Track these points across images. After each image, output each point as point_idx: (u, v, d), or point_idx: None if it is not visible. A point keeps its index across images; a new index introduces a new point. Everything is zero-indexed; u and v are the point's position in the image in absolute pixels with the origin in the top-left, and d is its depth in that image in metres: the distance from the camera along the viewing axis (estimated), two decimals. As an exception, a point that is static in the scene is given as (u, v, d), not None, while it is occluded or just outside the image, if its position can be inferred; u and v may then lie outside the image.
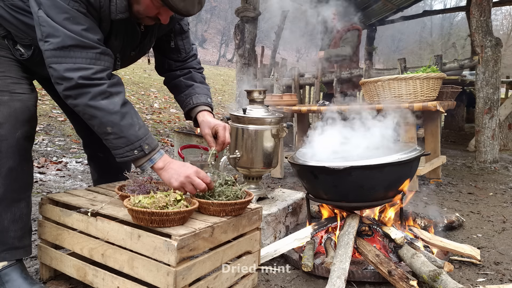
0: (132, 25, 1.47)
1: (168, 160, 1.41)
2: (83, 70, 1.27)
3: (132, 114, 1.35)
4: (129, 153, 1.33)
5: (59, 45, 1.25)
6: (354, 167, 1.67)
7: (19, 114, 1.37)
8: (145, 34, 1.56)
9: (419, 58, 22.44)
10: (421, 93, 3.00)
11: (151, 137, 1.38)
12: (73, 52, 1.26)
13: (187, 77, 1.76)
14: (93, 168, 1.99)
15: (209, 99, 1.75)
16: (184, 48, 1.76)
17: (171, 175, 1.38)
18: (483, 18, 4.07)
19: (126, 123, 1.31)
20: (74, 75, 1.25)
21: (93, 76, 1.28)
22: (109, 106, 1.29)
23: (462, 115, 7.59)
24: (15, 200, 1.39)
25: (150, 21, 1.44)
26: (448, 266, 1.58)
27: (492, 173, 3.94)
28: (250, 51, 5.44)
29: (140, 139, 1.34)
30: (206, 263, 1.28)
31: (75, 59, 1.26)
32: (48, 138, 4.75)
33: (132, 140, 1.32)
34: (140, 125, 1.36)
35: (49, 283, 1.54)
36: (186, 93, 1.74)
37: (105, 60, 1.33)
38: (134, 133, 1.33)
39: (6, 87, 1.38)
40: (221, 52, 28.34)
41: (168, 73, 1.79)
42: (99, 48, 1.31)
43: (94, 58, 1.29)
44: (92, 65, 1.28)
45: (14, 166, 1.36)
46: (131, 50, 1.58)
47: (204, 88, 1.78)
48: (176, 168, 1.39)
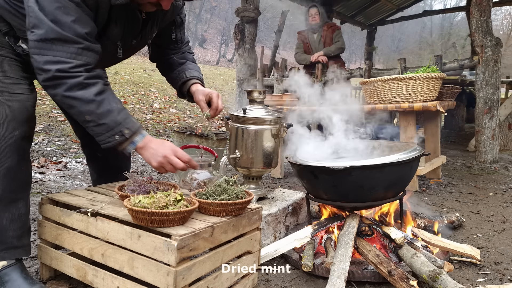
0: (133, 12, 1.47)
1: (149, 139, 1.42)
2: (61, 63, 1.28)
3: (109, 100, 1.36)
4: (111, 138, 1.35)
5: (42, 37, 1.26)
6: (354, 167, 1.67)
7: (17, 114, 1.38)
8: (146, 22, 1.56)
9: (419, 58, 22.44)
10: (421, 93, 3.00)
11: (131, 121, 1.39)
12: (54, 45, 1.27)
13: (179, 56, 1.84)
14: (92, 168, 1.99)
15: (201, 75, 1.83)
16: (181, 39, 1.85)
17: (150, 155, 1.40)
18: (483, 18, 4.07)
19: (103, 110, 1.33)
20: (52, 67, 1.27)
21: (71, 70, 1.29)
22: (84, 95, 1.31)
23: (462, 115, 7.59)
24: (14, 200, 1.40)
25: (151, 7, 1.44)
26: (448, 266, 1.58)
27: (492, 173, 3.94)
28: (250, 51, 5.44)
29: (120, 124, 1.35)
30: (206, 263, 1.28)
31: (55, 52, 1.28)
32: (48, 138, 4.75)
33: (111, 126, 1.34)
34: (119, 110, 1.37)
35: (49, 283, 1.54)
36: (179, 69, 1.80)
37: (87, 56, 1.33)
38: (113, 118, 1.34)
39: (5, 88, 1.39)
40: (221, 52, 28.33)
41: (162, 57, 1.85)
42: (82, 44, 1.31)
43: (75, 53, 1.30)
44: (72, 60, 1.29)
45: (12, 165, 1.36)
46: (132, 38, 1.58)
47: (196, 66, 1.86)
48: (154, 148, 1.40)
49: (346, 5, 7.68)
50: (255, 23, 5.46)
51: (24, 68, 1.49)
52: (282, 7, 7.16)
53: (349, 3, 7.57)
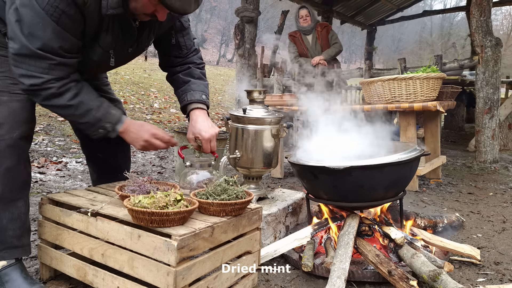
0: (127, 21, 1.46)
1: (128, 123, 1.52)
2: (34, 78, 1.32)
3: (87, 100, 1.43)
4: (95, 132, 1.47)
5: (16, 52, 1.30)
6: (354, 167, 1.67)
7: (17, 115, 1.39)
8: (142, 30, 1.55)
9: (419, 58, 22.44)
10: (421, 93, 3.00)
11: (110, 114, 1.47)
12: (28, 60, 1.30)
13: (185, 73, 1.78)
14: (92, 168, 1.99)
15: (204, 96, 1.75)
16: (185, 44, 1.77)
17: (132, 139, 1.52)
18: (483, 18, 4.06)
19: (81, 111, 1.42)
20: (26, 82, 1.33)
21: (43, 85, 1.34)
22: (60, 102, 1.38)
23: (462, 115, 7.59)
24: (13, 199, 1.40)
25: (146, 18, 1.44)
26: (448, 266, 1.58)
27: (492, 173, 3.94)
28: (250, 51, 5.44)
29: (100, 120, 1.45)
30: (206, 263, 1.28)
31: (28, 66, 1.31)
32: (48, 138, 4.75)
33: (93, 123, 1.45)
34: (97, 107, 1.45)
35: (49, 283, 1.54)
36: (182, 89, 1.76)
37: (59, 70, 1.35)
38: (93, 117, 1.44)
39: (6, 88, 1.40)
40: (221, 52, 28.33)
41: (170, 68, 1.81)
42: (55, 60, 1.33)
43: (47, 68, 1.33)
44: (44, 75, 1.33)
45: (11, 165, 1.37)
46: (128, 47, 1.57)
47: (201, 84, 1.78)
48: (135, 132, 1.52)
49: (346, 5, 7.68)
50: (255, 23, 5.46)
51: None
52: (282, 7, 7.16)
53: (349, 3, 7.57)
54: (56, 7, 1.26)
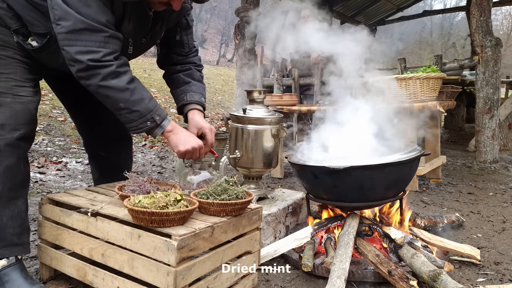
0: (144, 10, 1.48)
1: (175, 125, 1.52)
2: (92, 53, 1.32)
3: (141, 89, 1.42)
4: (143, 124, 1.43)
5: (70, 28, 1.30)
6: (354, 167, 1.67)
7: (19, 116, 1.40)
8: (156, 21, 1.57)
9: (419, 58, 22.44)
10: (421, 93, 3.00)
11: (160, 108, 1.47)
12: (83, 35, 1.31)
13: (186, 74, 1.78)
14: (94, 167, 1.99)
15: (203, 99, 1.78)
16: (188, 43, 1.79)
17: (179, 140, 1.51)
18: (483, 18, 4.06)
19: (136, 97, 1.40)
20: (84, 58, 1.32)
21: (102, 59, 1.34)
22: (119, 84, 1.37)
23: (462, 115, 7.59)
24: (13, 198, 1.41)
25: (161, 7, 1.46)
26: (448, 266, 1.58)
27: (492, 173, 3.94)
28: (250, 51, 5.44)
29: (151, 110, 1.43)
30: (206, 263, 1.28)
31: (85, 42, 1.32)
32: (48, 138, 4.75)
33: (144, 113, 1.42)
34: (150, 98, 1.44)
35: (49, 283, 1.54)
36: (182, 89, 1.77)
37: (113, 43, 1.37)
38: (145, 106, 1.42)
39: (10, 90, 1.41)
40: (221, 52, 28.32)
41: (169, 66, 1.81)
42: (108, 32, 1.35)
43: (103, 42, 1.34)
44: (101, 48, 1.33)
45: (11, 164, 1.38)
46: (142, 37, 1.59)
47: (200, 87, 1.80)
48: (185, 135, 1.53)
49: (346, 5, 7.68)
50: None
51: (30, 70, 1.50)
52: (283, 7, 7.16)
53: (349, 3, 7.57)
54: None
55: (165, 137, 1.53)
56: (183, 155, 1.52)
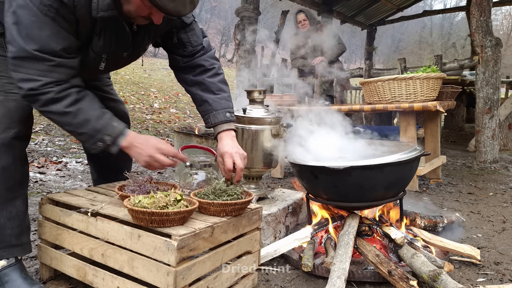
0: (122, 25, 1.42)
1: (132, 137, 1.40)
2: (32, 81, 1.28)
3: (86, 109, 1.35)
4: (94, 145, 1.37)
5: (14, 55, 1.27)
6: (354, 167, 1.67)
7: (13, 114, 1.38)
8: (137, 34, 1.51)
9: (419, 58, 22.45)
10: (421, 93, 3.00)
11: (111, 126, 1.38)
12: (25, 63, 1.27)
13: (202, 89, 1.67)
14: (93, 167, 1.99)
15: (228, 114, 1.64)
16: (189, 41, 1.66)
17: (136, 154, 1.41)
18: (483, 18, 4.06)
19: (79, 120, 1.34)
20: (25, 86, 1.28)
21: (41, 89, 1.29)
22: (59, 109, 1.32)
23: (462, 115, 7.59)
24: (10, 198, 1.40)
25: (143, 21, 1.39)
26: (448, 266, 1.58)
27: (492, 173, 3.94)
28: (250, 51, 5.44)
29: (99, 131, 1.36)
30: (206, 263, 1.28)
31: (27, 69, 1.28)
32: (48, 138, 4.75)
33: (91, 135, 1.36)
34: (98, 117, 1.36)
35: (49, 283, 1.54)
36: (203, 109, 1.66)
37: (58, 72, 1.31)
38: (91, 127, 1.35)
39: (2, 87, 1.39)
40: (221, 52, 28.31)
41: (182, 74, 1.71)
42: (54, 61, 1.29)
43: (46, 70, 1.29)
44: (43, 77, 1.29)
45: (7, 164, 1.37)
46: (123, 51, 1.52)
47: (222, 99, 1.66)
48: (139, 147, 1.40)
49: (346, 5, 7.67)
50: (255, 23, 5.45)
51: None
52: (282, 7, 7.15)
53: (349, 3, 7.56)
54: (49, 6, 1.24)
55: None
56: (147, 167, 1.43)
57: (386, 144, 2.12)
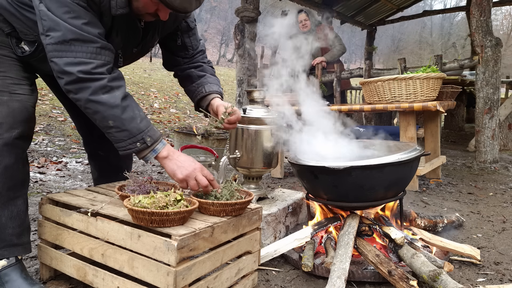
0: (133, 22, 1.47)
1: (172, 150, 1.41)
2: (83, 64, 1.27)
3: (133, 107, 1.35)
4: (132, 145, 1.35)
5: (60, 39, 1.26)
6: (354, 167, 1.67)
7: (17, 114, 1.39)
8: (147, 31, 1.56)
9: (419, 58, 22.46)
10: (421, 93, 3.00)
11: (153, 129, 1.38)
12: (73, 46, 1.26)
13: (199, 69, 1.77)
14: (93, 166, 2.00)
15: (221, 89, 1.76)
16: (191, 45, 1.75)
17: (176, 167, 1.39)
18: (483, 18, 4.07)
19: (127, 116, 1.32)
20: (74, 69, 1.26)
21: (93, 71, 1.28)
22: (110, 100, 1.30)
23: (462, 115, 7.59)
24: (12, 198, 1.40)
25: (150, 18, 1.44)
26: (448, 266, 1.58)
27: (492, 173, 3.94)
28: (250, 51, 5.44)
29: (142, 131, 1.34)
30: (206, 263, 1.28)
31: (75, 53, 1.27)
32: (48, 138, 4.75)
33: (134, 133, 1.33)
34: (142, 117, 1.36)
35: (49, 283, 1.54)
36: (198, 82, 1.74)
37: (105, 55, 1.33)
38: (136, 125, 1.33)
39: (6, 88, 1.40)
40: (221, 52, 28.32)
41: (178, 68, 1.79)
42: (99, 43, 1.31)
43: (94, 53, 1.29)
44: (93, 60, 1.29)
45: (9, 164, 1.37)
46: (133, 47, 1.58)
47: (216, 79, 1.78)
48: (181, 160, 1.39)
49: (346, 5, 7.68)
50: (255, 23, 5.46)
51: (25, 68, 1.49)
52: (283, 7, 7.15)
53: (349, 3, 7.56)
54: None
55: (161, 164, 1.41)
56: (182, 182, 1.39)
57: (385, 144, 2.12)
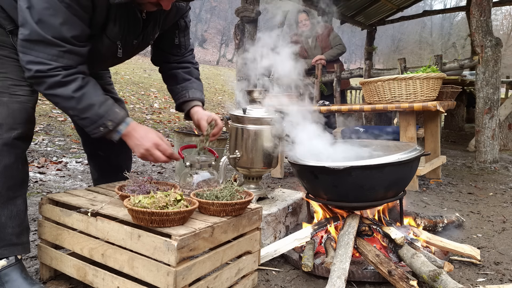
0: (133, 12, 1.47)
1: (132, 127, 1.47)
2: (42, 64, 1.32)
3: (90, 95, 1.39)
4: (96, 130, 1.42)
5: (26, 37, 1.30)
6: (354, 167, 1.67)
7: (17, 115, 1.40)
8: (148, 22, 1.56)
9: (419, 58, 22.47)
10: (421, 93, 3.00)
11: (113, 112, 1.43)
12: (37, 47, 1.31)
13: (185, 71, 1.81)
14: (93, 167, 1.99)
15: (203, 96, 1.81)
16: (184, 44, 1.81)
17: (134, 145, 1.47)
18: (483, 18, 4.07)
19: (83, 105, 1.38)
20: (33, 68, 1.32)
21: (49, 72, 1.33)
22: (64, 93, 1.36)
23: (462, 115, 7.59)
24: (11, 197, 1.41)
25: (152, 7, 1.45)
26: (448, 266, 1.58)
27: (492, 173, 3.94)
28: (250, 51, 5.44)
29: (102, 116, 1.40)
30: (206, 263, 1.28)
31: (37, 53, 1.31)
32: (48, 138, 4.75)
33: (94, 120, 1.40)
34: (101, 103, 1.41)
35: (49, 283, 1.54)
36: (183, 85, 1.78)
37: (68, 58, 1.35)
38: (95, 112, 1.39)
39: (6, 89, 1.41)
40: (221, 52, 28.33)
41: (166, 64, 1.83)
42: (65, 47, 1.33)
43: (56, 55, 1.33)
44: (53, 62, 1.33)
45: (9, 164, 1.38)
46: (133, 39, 1.58)
47: (200, 85, 1.84)
48: (138, 138, 1.46)
49: (346, 5, 7.67)
50: (255, 23, 5.46)
51: None
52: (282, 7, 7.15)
53: (349, 3, 7.56)
54: None
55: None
56: (141, 158, 1.50)
57: (385, 144, 2.12)
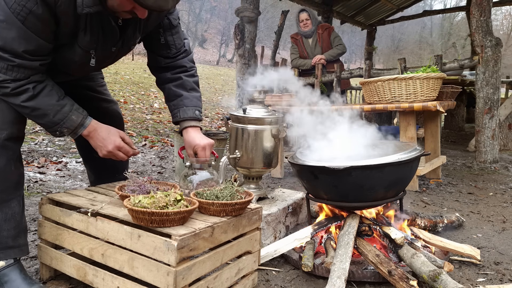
0: (107, 20, 1.43)
1: (94, 128, 1.50)
2: None
3: (43, 104, 1.39)
4: (54, 134, 1.47)
5: None
6: (354, 167, 1.67)
7: (5, 115, 1.38)
8: (125, 28, 1.51)
9: (419, 58, 22.47)
10: (421, 93, 3.00)
11: (69, 120, 1.44)
12: None
13: (176, 84, 1.72)
14: (89, 169, 1.98)
15: (197, 112, 1.71)
16: (174, 43, 1.70)
17: (96, 145, 1.52)
18: (483, 18, 4.07)
19: (37, 114, 1.40)
20: None
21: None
22: (15, 102, 1.37)
23: (462, 115, 7.59)
24: (5, 200, 1.40)
25: (127, 15, 1.40)
26: (448, 266, 1.58)
27: (492, 173, 3.94)
28: (250, 51, 5.44)
29: (57, 124, 1.43)
30: (206, 263, 1.28)
31: None
32: (48, 138, 4.75)
33: (50, 126, 1.44)
34: (56, 112, 1.41)
35: (49, 283, 1.54)
36: (174, 103, 1.71)
37: (17, 72, 1.34)
38: (49, 120, 1.42)
39: None
40: (221, 52, 28.34)
41: (159, 73, 1.75)
42: (14, 62, 1.31)
43: (4, 68, 1.32)
44: (1, 74, 1.33)
45: (1, 166, 1.37)
46: (111, 46, 1.52)
47: (194, 98, 1.72)
48: (100, 139, 1.51)
49: (346, 5, 7.68)
50: (255, 23, 5.46)
51: None
52: (283, 7, 7.16)
53: (349, 3, 7.56)
54: (23, 6, 1.24)
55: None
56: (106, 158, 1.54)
57: (385, 144, 2.12)
